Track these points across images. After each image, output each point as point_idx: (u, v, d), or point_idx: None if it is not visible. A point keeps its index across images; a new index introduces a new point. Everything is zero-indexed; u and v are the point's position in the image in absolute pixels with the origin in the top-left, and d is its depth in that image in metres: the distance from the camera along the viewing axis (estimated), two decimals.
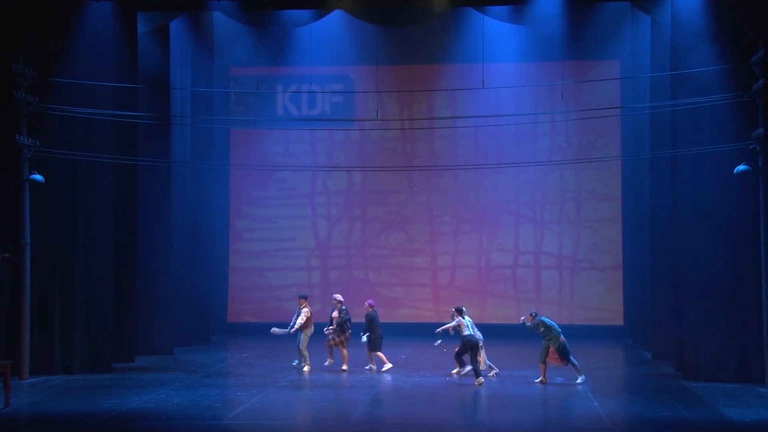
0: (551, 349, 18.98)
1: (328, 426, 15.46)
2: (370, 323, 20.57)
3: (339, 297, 20.99)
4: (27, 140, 19.41)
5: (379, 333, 20.58)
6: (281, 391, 18.35)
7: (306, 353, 20.60)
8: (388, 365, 20.58)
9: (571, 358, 19.04)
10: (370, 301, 21.31)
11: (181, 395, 17.65)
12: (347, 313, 20.73)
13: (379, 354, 20.62)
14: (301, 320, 20.48)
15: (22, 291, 19.51)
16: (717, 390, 18.14)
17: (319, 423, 15.79)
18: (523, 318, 19.78)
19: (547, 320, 19.31)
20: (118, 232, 21.41)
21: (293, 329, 20.53)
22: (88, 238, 20.69)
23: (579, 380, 18.94)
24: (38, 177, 19.45)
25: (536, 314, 19.46)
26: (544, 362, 19.09)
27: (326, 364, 20.82)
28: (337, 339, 20.60)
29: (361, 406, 16.87)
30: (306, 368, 20.50)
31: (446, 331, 19.62)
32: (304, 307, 20.66)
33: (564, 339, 19.00)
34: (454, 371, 19.98)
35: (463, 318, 19.34)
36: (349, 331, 20.69)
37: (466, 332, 19.22)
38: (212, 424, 15.25)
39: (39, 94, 19.67)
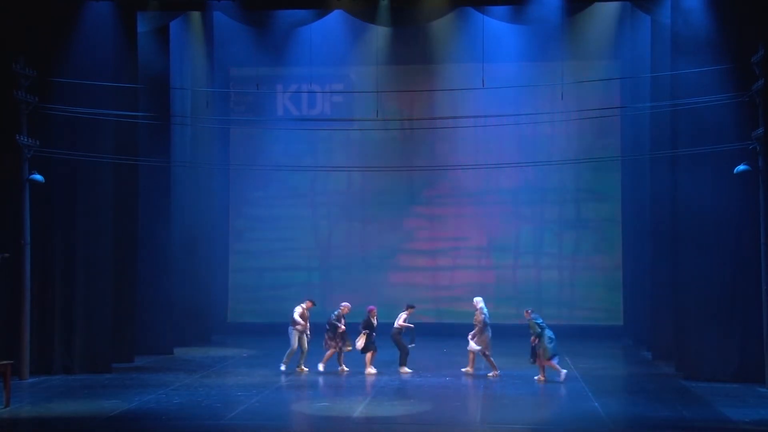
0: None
1: (328, 426, 15.47)
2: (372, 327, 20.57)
3: (348, 305, 20.93)
4: (27, 140, 19.41)
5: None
6: (281, 391, 18.34)
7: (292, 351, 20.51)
8: (371, 370, 20.53)
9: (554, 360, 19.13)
10: (371, 307, 21.16)
11: (181, 395, 17.65)
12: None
13: (370, 355, 20.60)
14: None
15: (22, 291, 19.51)
16: (717, 390, 18.13)
17: (319, 423, 15.80)
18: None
19: (539, 320, 19.45)
20: (118, 232, 21.40)
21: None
22: (88, 238, 20.68)
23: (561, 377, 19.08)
24: (38, 177, 19.45)
25: (531, 312, 19.64)
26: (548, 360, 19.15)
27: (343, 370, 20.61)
28: (336, 343, 20.48)
29: (361, 406, 16.86)
30: (306, 368, 20.49)
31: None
32: (305, 310, 20.61)
33: (547, 339, 19.07)
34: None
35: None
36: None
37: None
38: (212, 424, 15.25)
39: (39, 94, 19.68)
